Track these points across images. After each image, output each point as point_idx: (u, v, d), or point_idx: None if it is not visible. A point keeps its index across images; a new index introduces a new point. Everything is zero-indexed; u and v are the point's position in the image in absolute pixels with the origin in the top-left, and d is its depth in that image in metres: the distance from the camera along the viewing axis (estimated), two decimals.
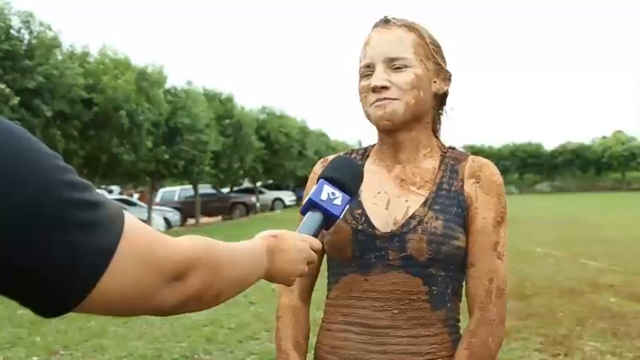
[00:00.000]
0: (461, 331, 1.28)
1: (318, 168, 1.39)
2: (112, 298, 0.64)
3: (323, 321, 1.34)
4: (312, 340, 1.36)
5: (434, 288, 1.23)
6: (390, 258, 1.23)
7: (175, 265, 0.72)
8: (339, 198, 1.12)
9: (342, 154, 1.39)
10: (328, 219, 1.12)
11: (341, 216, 1.13)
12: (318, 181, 1.16)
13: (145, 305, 0.70)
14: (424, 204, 1.25)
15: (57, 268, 0.59)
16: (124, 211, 0.67)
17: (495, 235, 1.24)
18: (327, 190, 1.12)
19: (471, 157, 1.32)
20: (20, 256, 0.57)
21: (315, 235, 1.10)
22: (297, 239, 1.04)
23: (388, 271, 1.23)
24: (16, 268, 0.58)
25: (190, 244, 0.76)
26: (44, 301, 0.62)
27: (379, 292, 1.24)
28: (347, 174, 1.16)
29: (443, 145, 1.35)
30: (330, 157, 1.40)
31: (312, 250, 1.07)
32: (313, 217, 1.11)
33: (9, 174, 0.56)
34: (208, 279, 0.77)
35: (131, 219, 0.68)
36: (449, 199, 1.25)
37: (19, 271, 0.58)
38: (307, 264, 1.06)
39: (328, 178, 1.14)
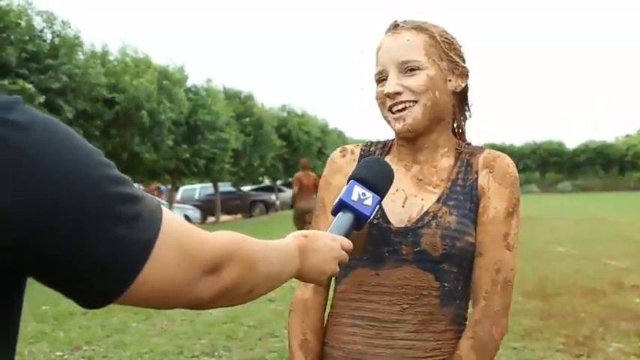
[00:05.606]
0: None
1: (337, 157, 1.39)
2: (151, 290, 0.66)
3: (330, 315, 1.34)
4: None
5: (446, 284, 1.23)
6: (404, 252, 1.23)
7: (211, 259, 0.73)
8: (369, 198, 1.13)
9: (360, 145, 1.40)
10: (359, 219, 1.12)
11: (371, 216, 1.13)
12: (348, 181, 1.16)
13: (182, 297, 0.72)
14: (438, 200, 1.25)
15: (101, 261, 0.61)
16: (161, 205, 0.69)
17: (506, 226, 1.23)
18: (358, 190, 1.13)
19: (487, 150, 1.32)
20: (67, 250, 0.59)
21: (347, 236, 1.11)
22: (329, 239, 1.05)
23: (400, 266, 1.23)
24: (62, 261, 0.60)
25: (226, 238, 0.78)
26: (88, 293, 0.64)
27: (389, 286, 1.24)
28: (377, 174, 1.16)
29: (459, 143, 1.34)
30: (349, 147, 1.41)
31: (344, 249, 1.08)
32: (344, 218, 1.12)
33: (58, 171, 0.58)
34: (243, 273, 0.79)
35: (168, 213, 0.69)
36: (463, 195, 1.26)
37: (65, 264, 0.60)
38: (338, 264, 1.07)
39: (358, 178, 1.15)
